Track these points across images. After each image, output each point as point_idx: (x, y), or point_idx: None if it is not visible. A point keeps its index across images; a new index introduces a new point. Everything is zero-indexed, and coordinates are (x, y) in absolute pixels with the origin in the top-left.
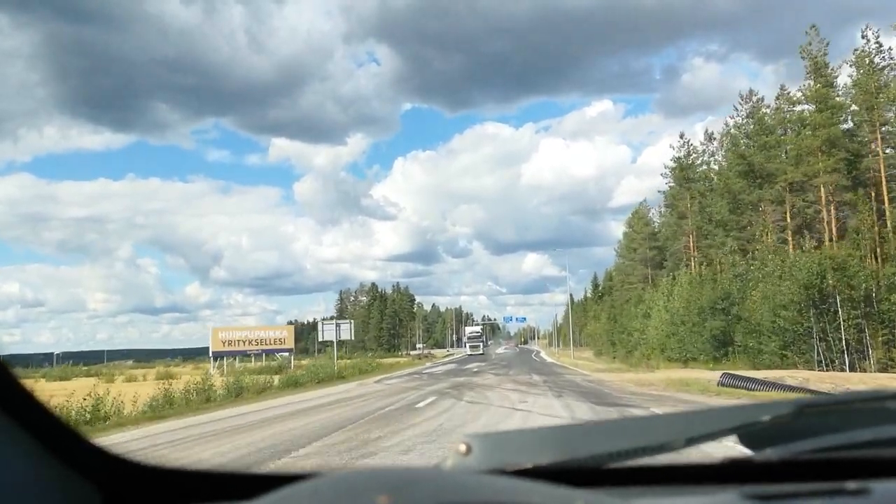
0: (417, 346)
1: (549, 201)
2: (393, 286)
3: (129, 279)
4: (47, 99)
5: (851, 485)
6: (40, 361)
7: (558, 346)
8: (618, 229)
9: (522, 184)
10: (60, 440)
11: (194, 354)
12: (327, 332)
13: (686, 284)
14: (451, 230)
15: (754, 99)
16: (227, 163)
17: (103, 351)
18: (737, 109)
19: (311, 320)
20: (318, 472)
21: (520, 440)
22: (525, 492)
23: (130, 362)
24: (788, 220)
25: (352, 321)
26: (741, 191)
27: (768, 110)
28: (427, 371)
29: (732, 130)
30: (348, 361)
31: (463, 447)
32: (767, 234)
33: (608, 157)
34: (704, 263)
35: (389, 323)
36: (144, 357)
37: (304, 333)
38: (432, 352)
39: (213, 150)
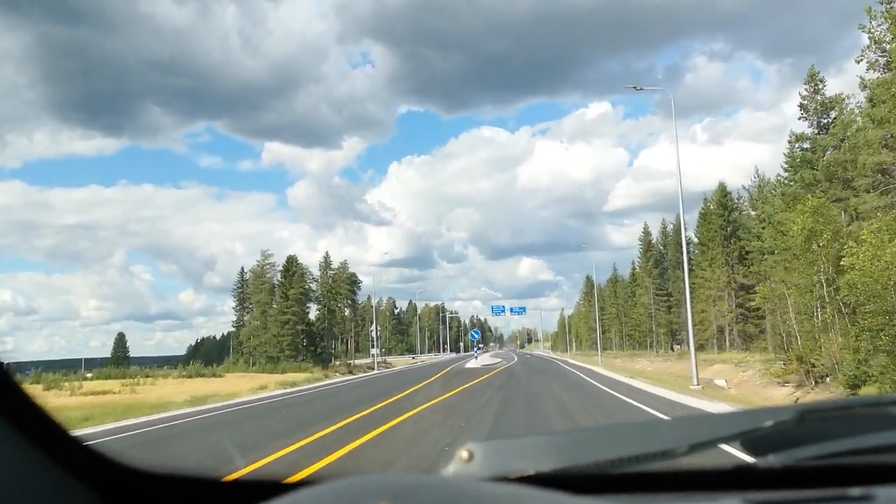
0: (372, 351)
1: (545, 205)
2: (321, 262)
3: (122, 286)
4: (37, 102)
5: (855, 491)
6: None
7: (588, 349)
8: (613, 234)
9: (518, 188)
10: (58, 444)
11: (176, 361)
12: None
13: None
14: (446, 235)
15: None
16: (220, 168)
17: (87, 359)
18: None
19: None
20: (319, 479)
21: (522, 447)
22: (527, 499)
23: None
24: None
25: None
26: None
27: None
28: None
29: None
30: None
31: (465, 454)
32: None
33: (605, 160)
34: None
35: (298, 314)
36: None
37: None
38: (387, 359)
39: (206, 154)
